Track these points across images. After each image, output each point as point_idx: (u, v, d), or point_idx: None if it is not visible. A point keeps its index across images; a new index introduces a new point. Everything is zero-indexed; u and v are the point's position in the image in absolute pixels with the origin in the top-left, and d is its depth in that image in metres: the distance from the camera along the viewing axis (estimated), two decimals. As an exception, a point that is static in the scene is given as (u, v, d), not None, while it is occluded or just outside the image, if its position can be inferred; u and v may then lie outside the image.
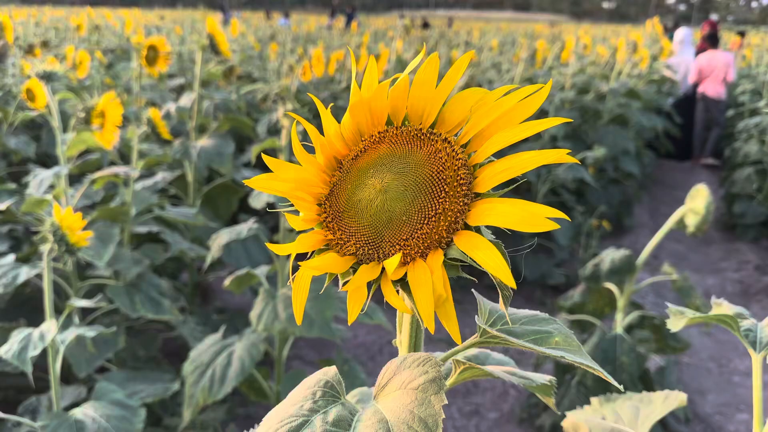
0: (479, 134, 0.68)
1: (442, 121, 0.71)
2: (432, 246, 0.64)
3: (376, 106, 0.72)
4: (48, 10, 24.23)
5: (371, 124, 0.73)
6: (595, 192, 6.11)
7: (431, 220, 0.64)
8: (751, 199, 6.72)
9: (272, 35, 14.52)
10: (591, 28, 29.94)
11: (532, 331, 0.75)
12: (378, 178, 0.68)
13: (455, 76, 0.69)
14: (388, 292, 0.63)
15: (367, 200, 0.68)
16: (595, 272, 3.29)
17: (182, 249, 3.03)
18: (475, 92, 0.69)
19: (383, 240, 0.66)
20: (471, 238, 0.63)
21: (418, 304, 0.61)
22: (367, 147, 0.73)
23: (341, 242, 0.70)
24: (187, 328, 2.82)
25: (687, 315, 1.11)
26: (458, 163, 0.66)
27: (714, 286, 5.64)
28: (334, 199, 0.72)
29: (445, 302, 0.62)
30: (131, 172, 2.63)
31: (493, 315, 0.77)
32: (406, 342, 0.76)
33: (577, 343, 0.74)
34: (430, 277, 0.61)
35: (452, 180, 0.65)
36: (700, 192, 2.94)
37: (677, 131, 9.23)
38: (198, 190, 3.85)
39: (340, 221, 0.70)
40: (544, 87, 0.65)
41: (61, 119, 2.57)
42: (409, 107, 0.72)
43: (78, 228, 1.88)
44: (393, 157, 0.70)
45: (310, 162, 0.73)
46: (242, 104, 5.70)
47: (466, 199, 0.65)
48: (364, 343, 4.33)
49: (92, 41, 9.38)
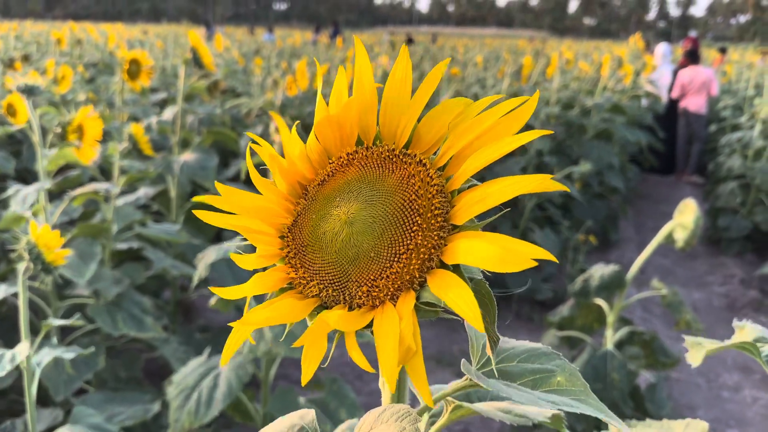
0: (459, 154, 0.59)
1: (418, 140, 0.62)
2: (404, 287, 0.56)
3: (345, 123, 0.63)
4: (29, 25, 24.06)
5: (340, 144, 0.65)
6: (581, 206, 6.11)
7: (402, 257, 0.55)
8: (735, 213, 6.76)
9: (257, 50, 14.50)
10: (573, 44, 30.28)
11: (531, 370, 0.68)
12: (344, 208, 0.60)
13: (431, 85, 0.61)
14: (351, 346, 0.54)
15: (332, 233, 0.59)
16: (585, 288, 3.26)
17: (165, 267, 2.96)
18: (456, 104, 0.60)
19: (350, 280, 0.58)
20: (445, 278, 0.54)
21: (381, 358, 0.52)
22: (335, 170, 0.64)
23: (303, 282, 0.61)
24: (170, 348, 2.75)
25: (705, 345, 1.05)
26: (433, 189, 0.57)
27: (700, 300, 5.64)
28: (298, 231, 0.63)
29: (414, 356, 0.52)
30: (112, 188, 2.57)
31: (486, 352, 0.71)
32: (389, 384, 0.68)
33: (583, 383, 0.66)
34: (397, 326, 0.52)
35: (425, 210, 0.56)
36: (688, 207, 2.93)
37: (661, 146, 9.30)
38: (181, 206, 3.78)
39: (303, 257, 0.62)
40: (530, 99, 0.57)
41: (42, 134, 2.51)
42: (381, 124, 0.63)
43: (55, 246, 1.81)
44: (362, 182, 0.61)
45: (270, 189, 0.64)
46: (227, 119, 5.65)
47: (441, 233, 0.56)
48: (350, 362, 4.25)
49: (74, 55, 9.29)
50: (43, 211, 2.41)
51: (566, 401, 0.63)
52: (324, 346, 0.56)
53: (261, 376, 2.55)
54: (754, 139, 7.28)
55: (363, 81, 0.63)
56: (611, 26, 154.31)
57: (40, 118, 4.30)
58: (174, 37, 18.74)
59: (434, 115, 0.62)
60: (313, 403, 2.50)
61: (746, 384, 4.25)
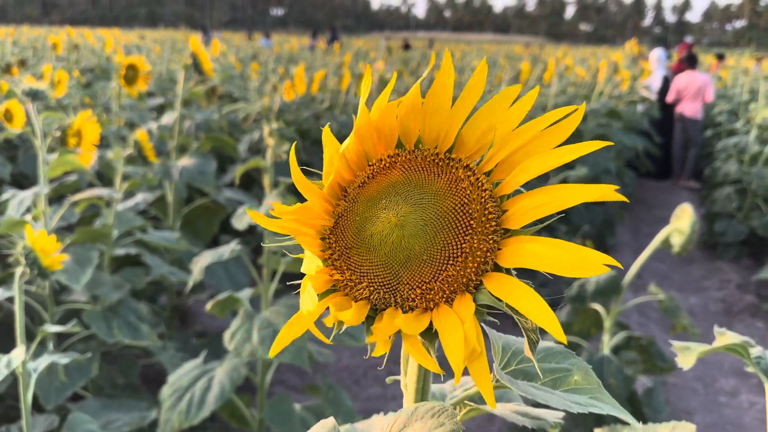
0: (505, 161, 0.59)
1: (461, 145, 0.62)
2: (459, 290, 0.56)
3: (385, 126, 0.63)
4: (26, 29, 24.05)
5: (379, 147, 0.64)
6: (578, 211, 6.12)
7: (457, 260, 0.56)
8: (732, 218, 6.77)
9: (254, 55, 14.52)
10: (569, 49, 30.40)
11: (549, 369, 0.69)
12: (393, 210, 0.59)
13: (476, 89, 0.60)
14: (415, 348, 0.54)
15: (381, 236, 0.59)
16: (581, 293, 3.27)
17: (163, 273, 2.95)
18: (497, 110, 0.60)
19: (401, 282, 0.57)
20: (505, 281, 0.54)
21: (451, 358, 0.52)
22: (375, 172, 0.63)
23: (351, 284, 0.60)
24: (166, 355, 2.74)
25: (695, 349, 1.06)
26: (485, 194, 0.57)
27: (697, 305, 5.65)
28: (340, 233, 0.62)
29: (479, 358, 0.53)
30: (114, 194, 2.57)
31: (507, 352, 0.70)
32: (413, 386, 0.67)
33: (596, 380, 0.68)
34: (461, 327, 0.53)
35: (479, 214, 0.56)
36: (685, 212, 2.94)
37: (657, 151, 9.32)
38: (178, 211, 3.78)
39: (348, 259, 0.61)
40: (577, 110, 0.57)
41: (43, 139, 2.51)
42: (423, 128, 0.63)
43: (52, 251, 1.81)
44: (408, 185, 0.61)
45: (312, 191, 0.63)
46: (224, 124, 5.65)
47: (495, 236, 0.56)
48: (348, 367, 4.26)
49: (71, 60, 9.28)
50: (43, 216, 2.41)
51: (590, 402, 0.64)
52: (388, 347, 0.56)
53: (257, 380, 2.54)
54: (750, 143, 7.31)
55: (412, 90, 0.63)
56: (607, 32, 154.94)
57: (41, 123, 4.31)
58: (171, 42, 18.77)
59: (478, 119, 0.62)
60: (308, 410, 2.50)
61: (743, 389, 4.26)
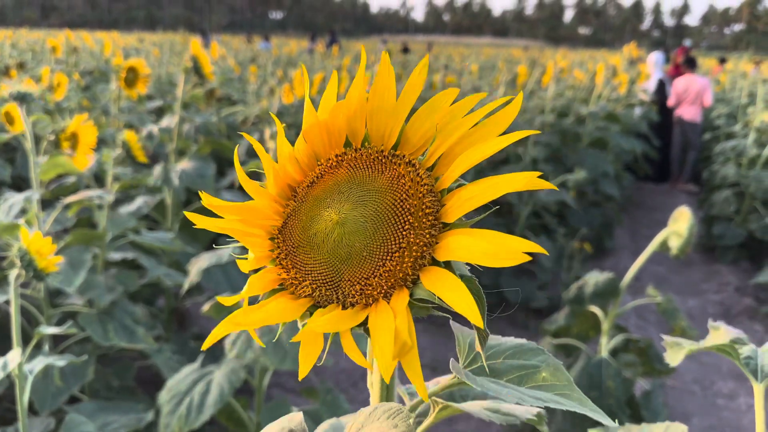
0: (446, 154, 0.61)
1: (406, 141, 0.64)
2: (397, 285, 0.57)
3: (334, 126, 0.65)
4: (25, 32, 24.06)
5: (328, 147, 0.66)
6: (577, 214, 6.12)
7: (395, 255, 0.57)
8: (730, 221, 6.77)
9: (252, 58, 14.52)
10: (568, 52, 30.42)
11: (517, 366, 0.69)
12: (335, 209, 0.61)
13: (416, 84, 0.62)
14: (347, 345, 0.55)
15: (324, 233, 0.60)
16: (579, 295, 3.26)
17: (159, 275, 2.95)
18: (441, 102, 0.62)
19: (342, 278, 0.59)
20: (438, 274, 0.55)
21: (376, 353, 0.52)
22: (323, 172, 0.65)
23: (296, 282, 0.62)
24: (162, 357, 2.73)
25: (684, 346, 1.06)
26: (423, 189, 0.59)
27: (695, 307, 5.65)
28: (288, 233, 0.64)
29: (410, 351, 0.53)
30: (106, 195, 2.56)
31: (474, 349, 0.71)
32: (378, 384, 0.68)
33: (567, 377, 0.68)
34: (392, 322, 0.53)
35: (417, 209, 0.58)
36: (683, 214, 2.93)
37: (655, 154, 9.32)
38: (176, 214, 3.78)
39: (294, 257, 0.62)
40: (514, 100, 0.58)
41: (35, 142, 2.50)
42: (369, 126, 0.64)
43: (47, 253, 1.80)
44: (352, 183, 0.62)
45: (261, 194, 0.65)
46: (223, 127, 5.65)
47: (433, 231, 0.58)
48: (346, 369, 4.25)
49: (70, 63, 9.28)
50: (36, 219, 2.40)
51: (551, 397, 0.64)
52: (320, 344, 0.57)
53: (255, 383, 2.53)
54: (748, 147, 7.31)
55: (356, 87, 0.64)
56: (606, 35, 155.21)
57: (33, 126, 4.30)
58: (170, 45, 18.76)
59: (421, 116, 0.63)
60: (305, 414, 2.49)
61: (741, 391, 4.25)
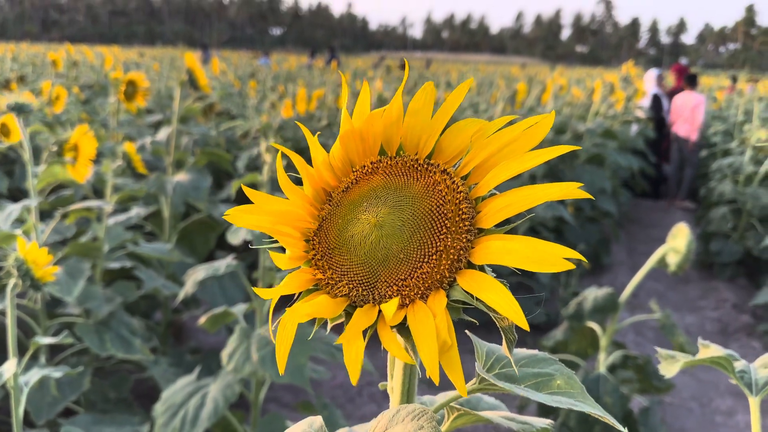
0: (480, 165, 0.63)
1: (440, 151, 0.66)
2: (433, 287, 0.59)
3: (369, 134, 0.67)
4: (25, 46, 24.16)
5: (363, 154, 0.69)
6: (574, 230, 6.12)
7: (432, 258, 0.59)
8: (727, 237, 6.78)
9: (252, 73, 14.59)
10: (565, 70, 30.60)
11: (532, 374, 0.71)
12: (372, 212, 0.63)
13: (454, 102, 0.65)
14: (388, 340, 0.57)
15: (361, 236, 0.63)
16: (578, 311, 3.25)
17: (156, 287, 2.94)
18: (475, 122, 0.65)
19: (379, 280, 0.61)
20: (477, 277, 0.57)
21: (421, 351, 0.54)
22: (359, 178, 0.68)
23: (332, 282, 0.63)
24: (159, 369, 2.72)
25: (679, 359, 1.05)
26: (459, 196, 0.61)
27: (693, 324, 5.63)
28: (324, 235, 0.66)
29: (450, 350, 0.55)
30: (104, 205, 2.56)
31: (491, 357, 0.72)
32: (399, 389, 0.69)
33: (580, 385, 0.70)
34: (433, 321, 0.55)
35: (454, 214, 0.60)
36: (681, 231, 2.94)
37: (652, 171, 9.35)
38: (174, 227, 3.77)
39: (330, 259, 0.64)
40: (546, 117, 0.61)
41: (33, 153, 2.50)
42: (404, 136, 0.67)
43: (44, 263, 1.80)
44: (388, 189, 0.65)
45: (296, 194, 0.68)
46: (221, 140, 5.66)
47: (469, 236, 0.60)
48: (342, 385, 4.23)
49: (70, 77, 9.31)
50: (34, 230, 2.40)
51: (569, 401, 0.66)
52: (362, 342, 0.59)
53: (251, 397, 2.52)
54: (745, 164, 7.34)
55: (395, 101, 0.67)
56: (603, 53, 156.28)
57: (34, 138, 4.31)
58: (170, 59, 18.86)
59: (455, 130, 0.66)
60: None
61: (739, 409, 4.23)
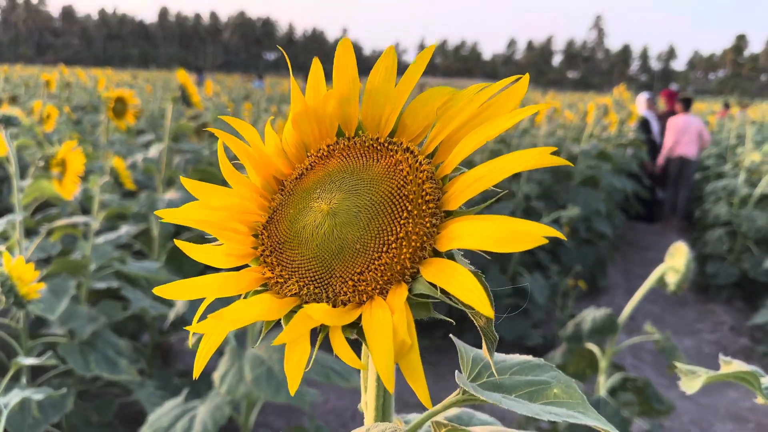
0: (447, 140, 0.56)
1: (403, 129, 0.59)
2: (394, 280, 0.51)
3: (324, 114, 0.60)
4: (19, 68, 24.18)
5: (319, 137, 0.61)
6: (569, 252, 6.07)
7: (391, 247, 0.51)
8: (723, 260, 6.75)
9: (246, 96, 14.61)
10: (557, 95, 30.82)
11: (525, 382, 0.63)
12: (325, 199, 0.56)
13: (417, 71, 0.57)
14: (338, 344, 0.49)
15: (313, 226, 0.55)
16: (577, 332, 3.19)
17: (143, 307, 2.85)
18: (442, 92, 0.57)
19: (333, 275, 0.53)
20: (440, 265, 0.49)
21: (374, 354, 0.46)
22: (314, 163, 0.60)
23: (281, 281, 0.56)
24: (145, 392, 2.62)
25: (701, 374, 0.99)
26: (422, 175, 0.54)
27: (691, 347, 5.57)
28: (273, 228, 0.59)
29: (410, 351, 0.47)
30: (91, 221, 2.48)
31: (478, 364, 0.65)
32: (373, 404, 0.62)
33: (580, 394, 0.61)
34: (389, 318, 0.48)
35: (416, 196, 0.52)
36: (679, 250, 2.89)
37: (646, 193, 9.34)
38: (163, 246, 3.69)
39: (280, 255, 0.57)
40: (522, 78, 0.53)
41: (21, 169, 2.43)
42: (363, 114, 0.60)
43: (30, 279, 1.73)
44: (344, 173, 0.57)
45: (242, 183, 0.60)
46: (214, 160, 5.60)
47: (434, 219, 0.52)
48: (335, 409, 4.12)
49: (62, 98, 9.27)
50: (18, 246, 2.32)
51: (568, 413, 0.58)
52: (307, 348, 0.50)
53: (240, 420, 2.43)
54: (739, 186, 7.34)
55: (346, 72, 0.59)
56: (594, 79, 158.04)
57: (21, 153, 4.24)
58: (164, 81, 18.89)
59: (420, 103, 0.58)
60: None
61: (741, 434, 4.15)
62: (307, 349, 0.50)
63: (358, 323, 0.51)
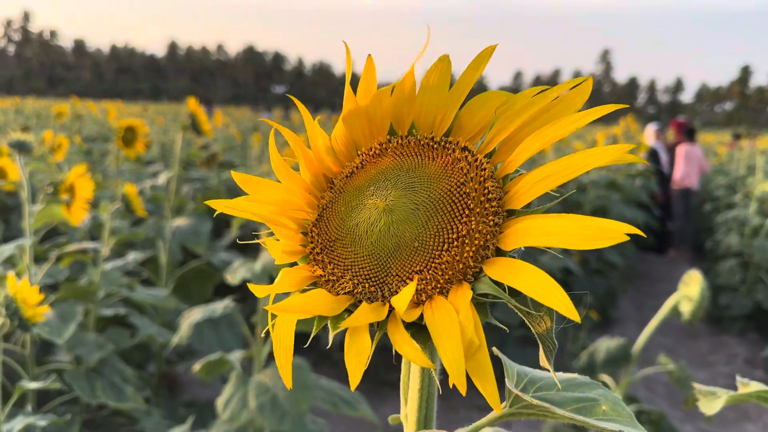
0: (508, 140, 0.54)
1: (459, 128, 0.58)
2: (455, 279, 0.49)
3: (376, 113, 0.58)
4: (31, 101, 24.53)
5: (369, 135, 0.60)
6: (580, 282, 6.01)
7: (453, 245, 0.50)
8: (736, 291, 6.66)
9: (254, 127, 14.73)
10: (565, 127, 30.99)
11: (573, 398, 0.60)
12: (381, 196, 0.54)
13: (475, 71, 0.55)
14: (400, 339, 0.47)
15: (368, 223, 0.53)
16: (590, 362, 3.13)
17: (151, 334, 2.82)
18: (499, 94, 0.56)
19: (389, 273, 0.51)
20: (508, 264, 0.47)
21: (443, 353, 0.44)
22: (365, 162, 0.59)
23: (333, 278, 0.54)
24: (151, 422, 2.58)
25: (721, 395, 0.98)
26: (484, 173, 0.52)
27: (705, 380, 5.46)
28: (324, 226, 0.57)
29: (478, 352, 0.45)
30: (100, 248, 2.47)
31: (523, 379, 0.62)
32: (414, 415, 0.59)
33: (628, 412, 0.59)
34: (456, 318, 0.45)
35: (478, 194, 0.51)
36: (693, 278, 2.85)
37: (657, 224, 9.28)
38: (171, 273, 3.68)
39: (331, 252, 0.55)
40: (587, 79, 0.52)
41: (32, 193, 2.43)
42: (417, 113, 0.58)
43: (34, 302, 1.71)
44: (399, 170, 0.56)
45: (293, 179, 0.59)
46: (222, 189, 5.61)
47: (496, 218, 0.50)
48: (344, 439, 4.05)
49: (73, 129, 9.36)
50: (27, 271, 2.31)
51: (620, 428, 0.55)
52: (367, 342, 0.48)
53: (247, 451, 2.38)
54: (750, 217, 7.28)
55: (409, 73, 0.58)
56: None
57: (31, 177, 4.26)
58: (174, 114, 19.10)
59: (477, 104, 0.57)
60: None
61: (759, 469, 4.04)
62: (368, 344, 0.48)
63: (414, 324, 0.50)
